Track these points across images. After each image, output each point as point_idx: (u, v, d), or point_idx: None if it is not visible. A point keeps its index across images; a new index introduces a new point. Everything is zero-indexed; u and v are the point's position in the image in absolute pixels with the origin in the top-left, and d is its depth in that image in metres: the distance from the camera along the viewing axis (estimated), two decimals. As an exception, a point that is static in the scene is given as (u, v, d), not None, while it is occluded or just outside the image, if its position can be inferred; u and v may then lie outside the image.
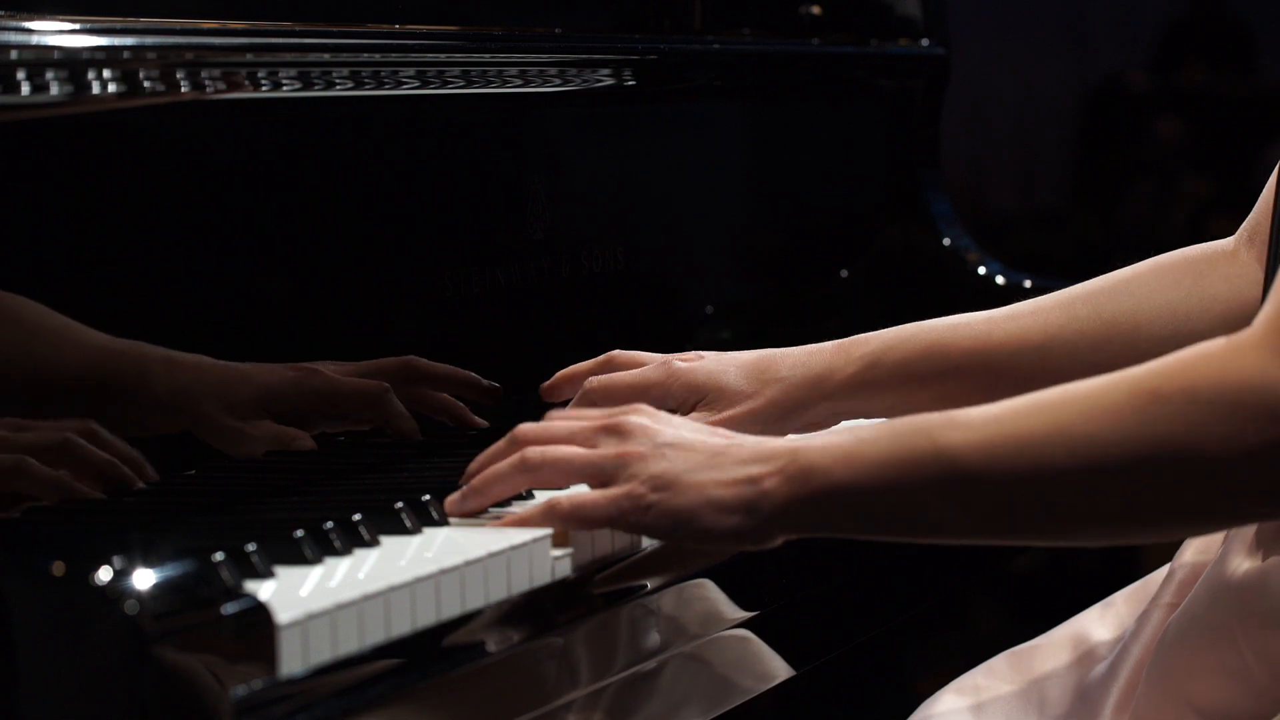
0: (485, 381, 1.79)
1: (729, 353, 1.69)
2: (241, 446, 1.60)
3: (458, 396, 1.78)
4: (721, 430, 1.40)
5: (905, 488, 1.30)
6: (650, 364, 1.69)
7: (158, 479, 1.52)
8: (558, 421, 1.43)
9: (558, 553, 1.44)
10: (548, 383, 1.74)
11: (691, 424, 1.41)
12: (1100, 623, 1.62)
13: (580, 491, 1.41)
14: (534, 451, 1.41)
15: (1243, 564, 1.42)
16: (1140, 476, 1.24)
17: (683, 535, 1.36)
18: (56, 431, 1.46)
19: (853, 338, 1.69)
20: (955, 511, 1.30)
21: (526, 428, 1.44)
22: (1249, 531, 1.45)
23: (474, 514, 1.46)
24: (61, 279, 1.50)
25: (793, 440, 1.36)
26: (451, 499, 1.46)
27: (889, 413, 1.69)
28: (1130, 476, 1.24)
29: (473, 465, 1.47)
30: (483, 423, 1.79)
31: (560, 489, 1.48)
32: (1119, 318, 1.66)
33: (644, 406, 1.43)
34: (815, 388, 1.67)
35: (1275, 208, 1.49)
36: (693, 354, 1.69)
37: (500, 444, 1.45)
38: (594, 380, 1.69)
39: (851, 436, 1.33)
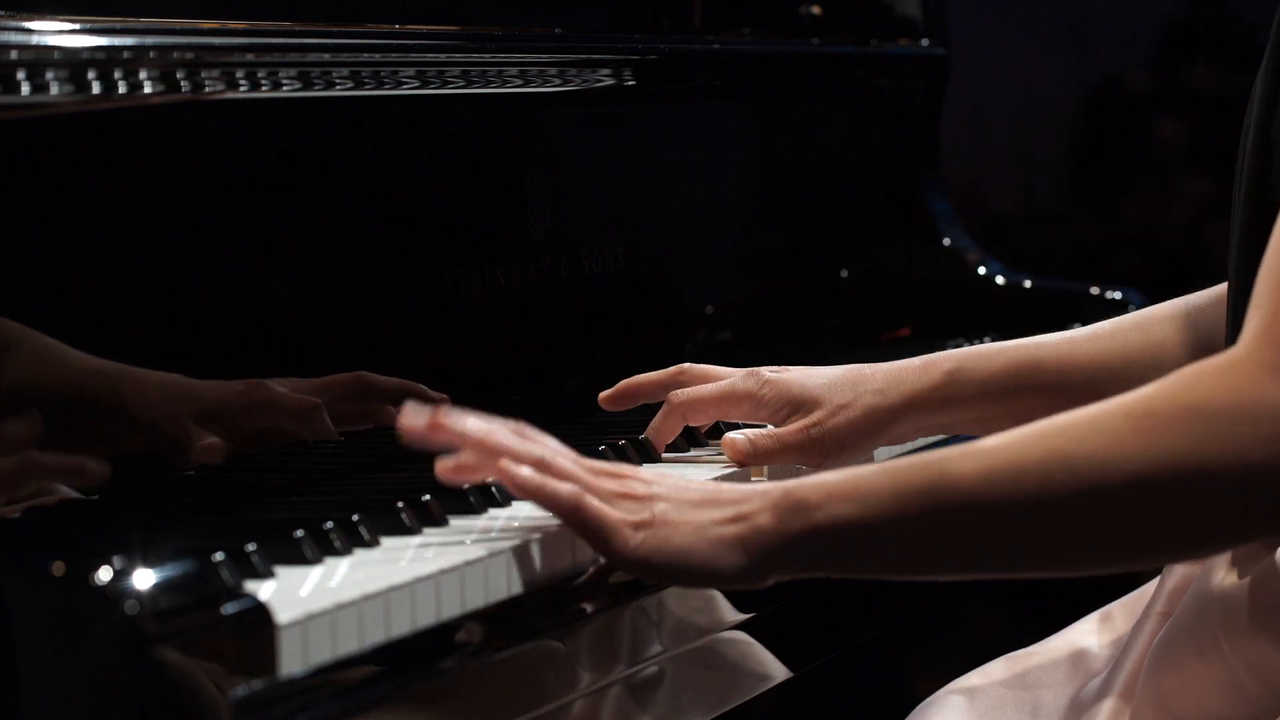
0: (433, 393, 1.77)
1: (812, 367, 1.71)
2: (181, 455, 1.57)
3: None
4: (710, 482, 1.40)
5: (903, 520, 1.29)
6: (730, 376, 1.70)
7: (134, 484, 1.51)
8: (561, 459, 1.41)
9: (557, 552, 1.44)
10: (610, 392, 1.74)
11: (678, 476, 1.41)
12: (1097, 635, 1.62)
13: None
14: (549, 452, 1.40)
15: (1226, 575, 1.42)
16: (1142, 498, 1.24)
17: (679, 570, 1.35)
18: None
19: (938, 355, 1.72)
20: (955, 542, 1.29)
21: (534, 431, 1.42)
22: None
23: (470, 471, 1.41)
24: (63, 279, 1.50)
25: (785, 482, 1.35)
26: (447, 462, 1.40)
27: (971, 428, 1.71)
28: (1132, 499, 1.24)
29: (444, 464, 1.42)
30: None
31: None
32: (1198, 342, 1.66)
33: (636, 467, 1.44)
34: (906, 400, 1.69)
35: (1231, 219, 1.48)
36: (775, 367, 1.70)
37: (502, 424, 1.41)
38: (680, 394, 1.70)
39: (848, 473, 1.32)
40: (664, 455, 1.73)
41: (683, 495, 1.37)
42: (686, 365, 1.73)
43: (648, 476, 1.39)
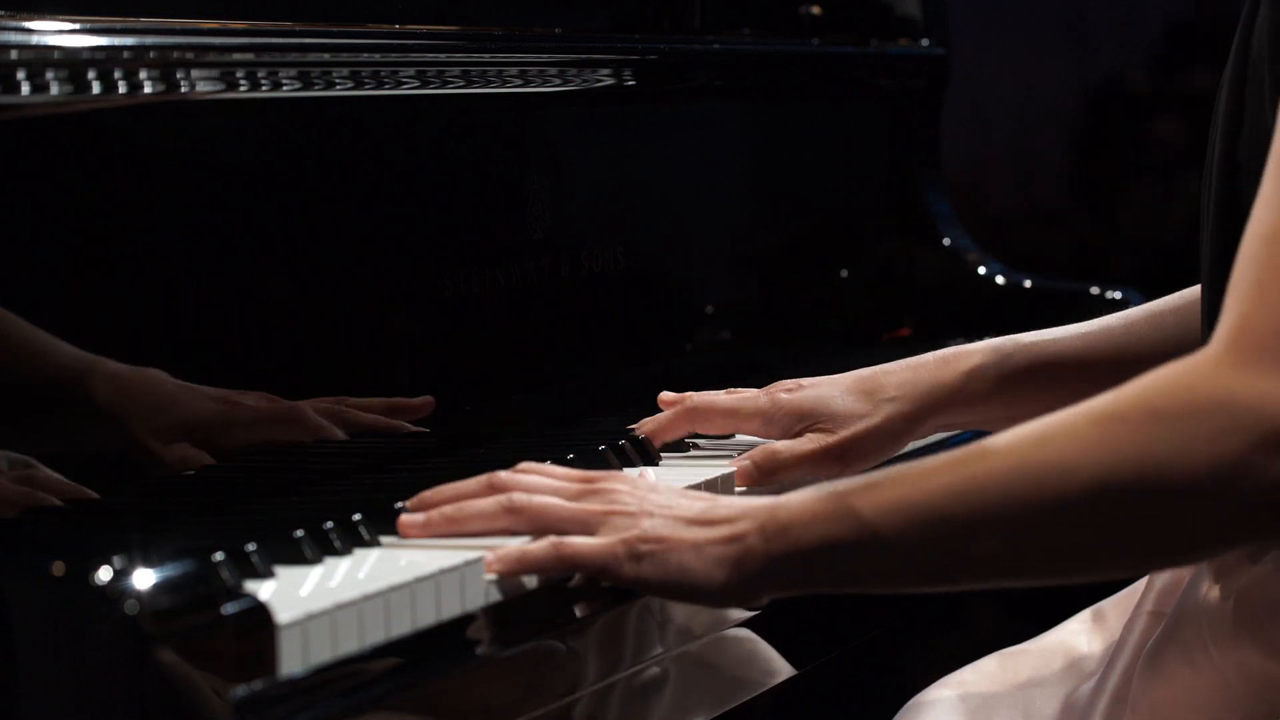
0: (414, 400, 1.77)
1: (827, 377, 1.71)
2: (154, 468, 1.55)
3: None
4: (700, 494, 1.40)
5: (880, 536, 1.28)
6: (743, 394, 1.71)
7: (134, 484, 1.51)
8: (536, 476, 1.43)
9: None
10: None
11: (668, 488, 1.41)
12: (1090, 635, 1.62)
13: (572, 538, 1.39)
14: (522, 497, 1.40)
15: (1211, 587, 1.42)
16: (1108, 502, 1.22)
17: (674, 589, 1.35)
18: None
19: (953, 350, 1.71)
20: (931, 557, 1.28)
21: (505, 475, 1.43)
22: None
23: (422, 535, 1.42)
24: (63, 278, 1.50)
25: (771, 499, 1.34)
26: (411, 520, 1.42)
27: (988, 425, 1.70)
28: (1099, 503, 1.22)
29: (434, 494, 1.44)
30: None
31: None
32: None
33: (622, 474, 1.44)
34: (925, 403, 1.69)
35: (1201, 228, 1.48)
36: (792, 382, 1.70)
37: (473, 483, 1.43)
38: (695, 398, 1.71)
39: (829, 490, 1.31)
40: (663, 455, 1.73)
41: (676, 512, 1.36)
42: (692, 398, 1.72)
43: (639, 489, 1.39)
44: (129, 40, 1.50)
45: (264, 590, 1.26)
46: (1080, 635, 1.62)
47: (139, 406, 1.53)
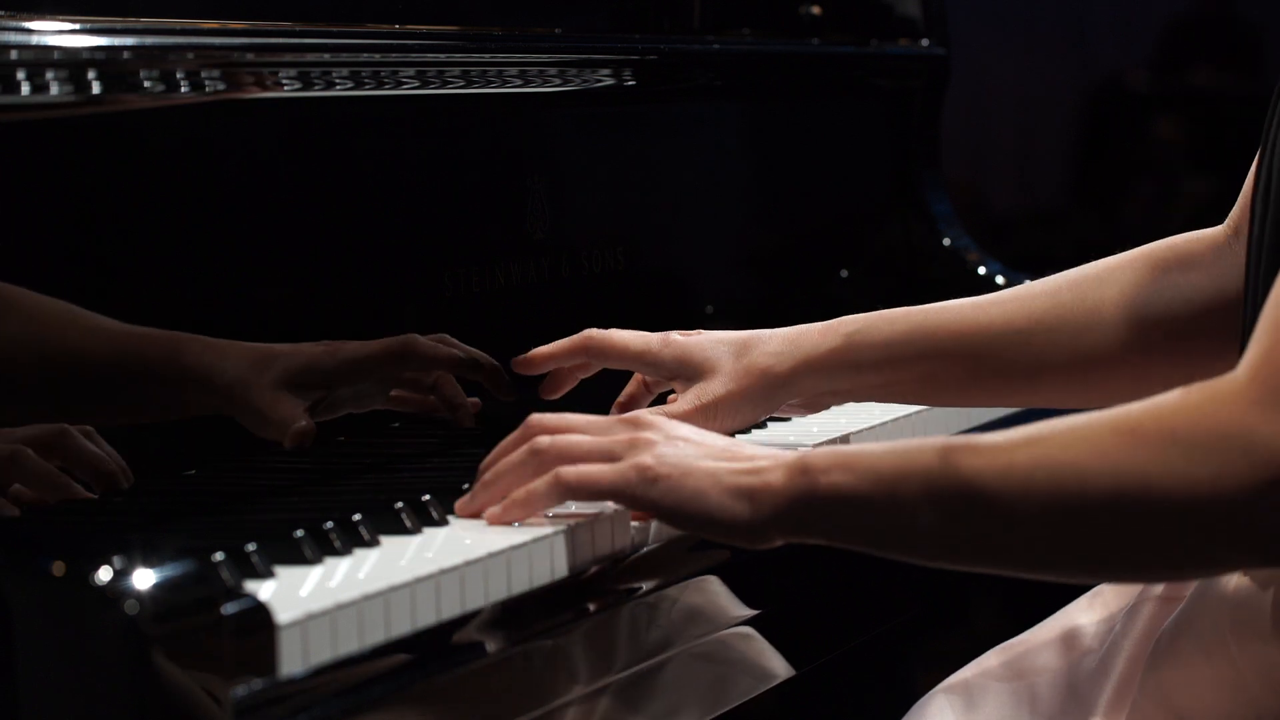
0: (486, 359, 1.78)
1: (723, 331, 1.71)
2: (264, 424, 1.60)
3: (461, 381, 1.78)
4: (727, 438, 1.41)
5: (897, 497, 1.29)
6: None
7: (134, 484, 1.52)
8: (573, 415, 1.44)
9: (558, 550, 1.44)
10: (522, 356, 1.74)
11: (700, 430, 1.42)
12: (1088, 612, 1.62)
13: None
14: (544, 439, 1.42)
15: (1240, 578, 1.42)
16: (1114, 513, 1.23)
17: (687, 515, 1.36)
18: (51, 426, 1.47)
19: (840, 319, 1.72)
20: (940, 531, 1.29)
21: (540, 416, 1.44)
22: None
23: (478, 511, 1.46)
24: (62, 278, 1.50)
25: (801, 450, 1.36)
26: (461, 500, 1.46)
27: (873, 393, 1.72)
28: (1106, 511, 1.23)
29: (485, 462, 1.47)
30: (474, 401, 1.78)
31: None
32: (1103, 306, 1.67)
33: (657, 414, 1.45)
34: (802, 364, 1.69)
35: (1249, 236, 1.48)
36: (685, 331, 1.71)
37: (514, 435, 1.45)
38: (593, 333, 1.71)
39: (861, 447, 1.34)
40: None
41: (700, 445, 1.38)
42: (592, 330, 1.73)
43: (666, 425, 1.40)
44: (129, 40, 1.50)
45: (264, 590, 1.26)
46: (1078, 616, 1.62)
47: (231, 363, 1.57)
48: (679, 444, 1.38)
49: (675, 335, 1.70)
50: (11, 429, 1.45)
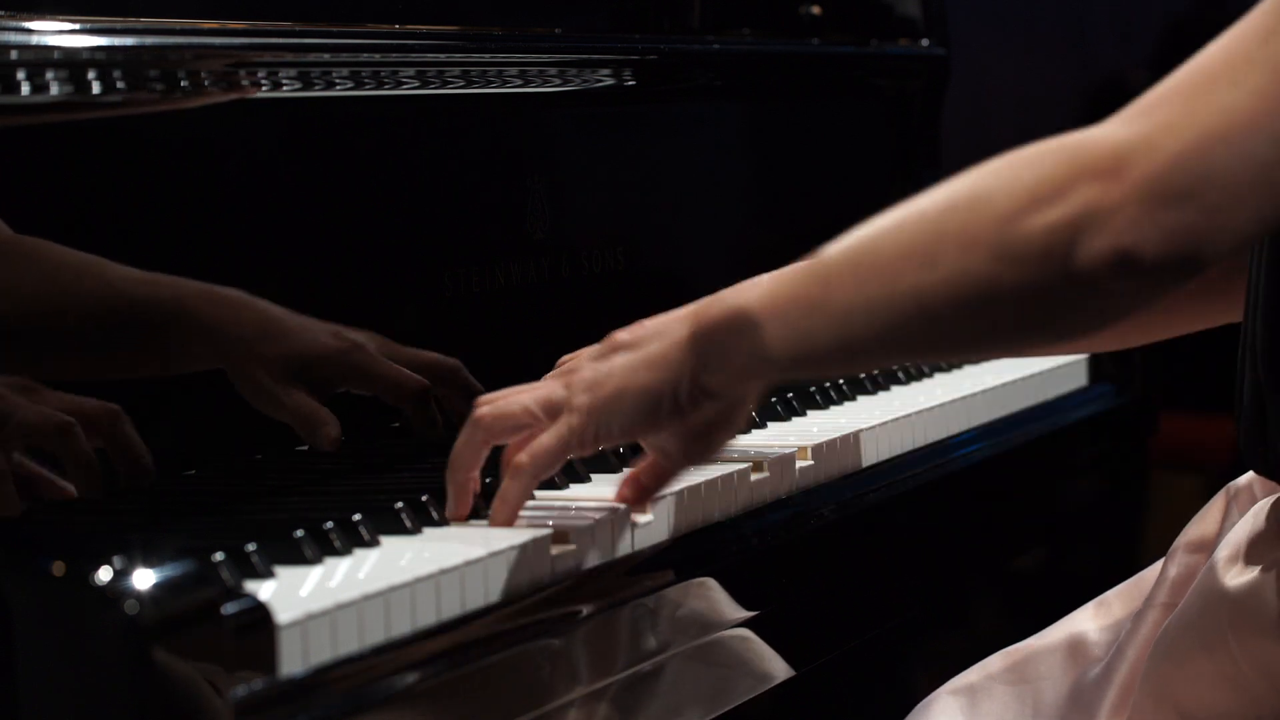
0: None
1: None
2: (270, 407, 1.59)
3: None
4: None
5: (779, 301, 1.32)
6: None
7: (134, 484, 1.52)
8: (510, 388, 1.44)
9: (557, 551, 1.44)
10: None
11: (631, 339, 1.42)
12: (1094, 621, 1.62)
13: None
14: (484, 409, 1.42)
15: (1236, 572, 1.42)
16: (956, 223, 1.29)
17: (625, 415, 1.36)
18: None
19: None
20: (825, 323, 1.30)
21: (481, 398, 1.44)
22: (1240, 538, 1.45)
23: (464, 508, 1.45)
24: (61, 279, 1.50)
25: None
26: (448, 506, 1.46)
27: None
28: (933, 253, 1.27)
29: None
30: None
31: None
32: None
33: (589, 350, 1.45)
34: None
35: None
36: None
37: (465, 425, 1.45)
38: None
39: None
40: (592, 477, 1.67)
41: (622, 357, 1.38)
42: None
43: (594, 361, 1.40)
44: (129, 40, 1.50)
45: (264, 590, 1.26)
46: (1084, 623, 1.62)
47: (238, 327, 1.55)
48: (601, 366, 1.38)
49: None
50: (73, 397, 1.44)
